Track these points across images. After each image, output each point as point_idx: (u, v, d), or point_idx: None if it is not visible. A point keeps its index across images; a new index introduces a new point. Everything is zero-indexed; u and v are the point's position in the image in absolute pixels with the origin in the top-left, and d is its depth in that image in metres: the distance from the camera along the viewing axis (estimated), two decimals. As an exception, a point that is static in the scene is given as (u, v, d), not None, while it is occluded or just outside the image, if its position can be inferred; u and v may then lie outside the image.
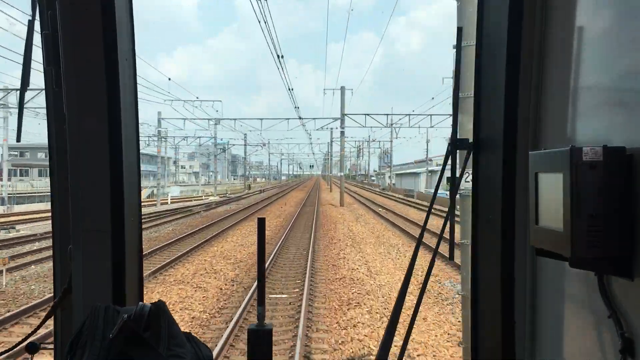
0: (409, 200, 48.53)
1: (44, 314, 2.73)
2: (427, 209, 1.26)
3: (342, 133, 43.31)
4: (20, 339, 1.85)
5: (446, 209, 1.86)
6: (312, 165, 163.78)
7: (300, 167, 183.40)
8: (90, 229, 1.72)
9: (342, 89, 42.88)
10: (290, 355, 8.19)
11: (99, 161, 1.71)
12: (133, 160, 1.80)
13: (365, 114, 41.96)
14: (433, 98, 44.38)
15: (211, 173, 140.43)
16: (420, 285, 1.85)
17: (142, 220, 1.92)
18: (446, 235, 1.97)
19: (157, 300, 1.48)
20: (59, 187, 1.79)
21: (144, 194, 56.40)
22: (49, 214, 2.11)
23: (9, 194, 40.58)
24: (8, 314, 10.01)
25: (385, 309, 10.76)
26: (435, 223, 16.82)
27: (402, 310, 1.78)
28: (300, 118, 47.72)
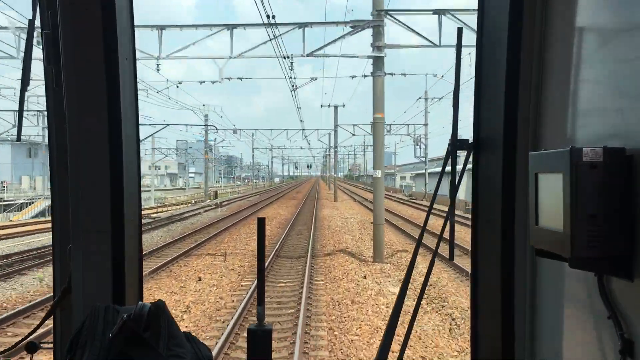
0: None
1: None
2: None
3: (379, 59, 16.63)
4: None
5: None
6: (310, 165, 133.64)
7: (296, 167, 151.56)
8: (90, 229, 1.72)
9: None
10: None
11: (99, 161, 1.71)
12: (133, 160, 1.80)
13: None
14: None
15: (191, 175, 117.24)
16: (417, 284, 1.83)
17: None
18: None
19: (156, 300, 1.48)
20: (59, 187, 1.79)
21: (38, 208, 41.94)
22: None
23: None
24: None
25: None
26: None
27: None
28: (274, 32, 16.66)
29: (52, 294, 1.96)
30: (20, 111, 1.89)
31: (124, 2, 1.74)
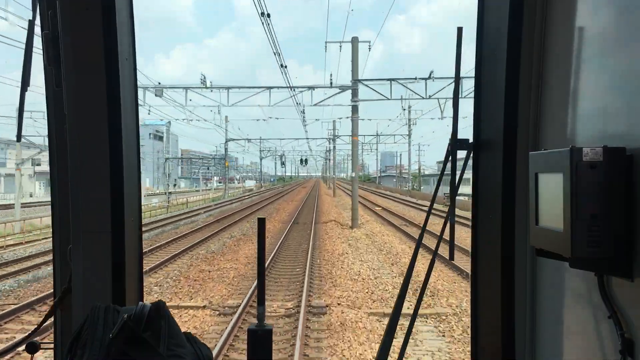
0: None
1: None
2: None
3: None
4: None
5: None
6: (305, 159, 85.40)
7: (282, 164, 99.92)
8: (90, 229, 1.72)
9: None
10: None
11: (99, 161, 1.71)
12: (133, 160, 1.80)
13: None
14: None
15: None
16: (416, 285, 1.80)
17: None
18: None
19: (157, 300, 1.48)
20: (59, 187, 1.79)
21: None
22: None
23: None
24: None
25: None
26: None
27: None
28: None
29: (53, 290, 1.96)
30: (21, 112, 1.89)
31: (124, 2, 1.74)
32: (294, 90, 29.08)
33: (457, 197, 1.77)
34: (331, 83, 28.29)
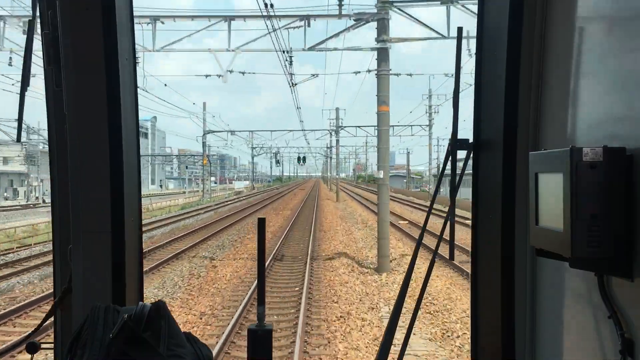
0: None
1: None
2: None
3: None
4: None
5: None
6: (303, 157, 73.05)
7: (277, 162, 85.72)
8: (90, 230, 1.72)
9: None
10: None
11: (99, 161, 1.71)
12: (133, 160, 1.80)
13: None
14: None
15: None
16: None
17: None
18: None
19: (157, 300, 1.48)
20: (59, 187, 1.79)
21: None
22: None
23: None
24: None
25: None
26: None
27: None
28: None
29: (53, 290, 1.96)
30: (21, 112, 1.89)
31: (124, 2, 1.74)
32: (275, 22, 15.73)
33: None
34: (340, 9, 16.12)
